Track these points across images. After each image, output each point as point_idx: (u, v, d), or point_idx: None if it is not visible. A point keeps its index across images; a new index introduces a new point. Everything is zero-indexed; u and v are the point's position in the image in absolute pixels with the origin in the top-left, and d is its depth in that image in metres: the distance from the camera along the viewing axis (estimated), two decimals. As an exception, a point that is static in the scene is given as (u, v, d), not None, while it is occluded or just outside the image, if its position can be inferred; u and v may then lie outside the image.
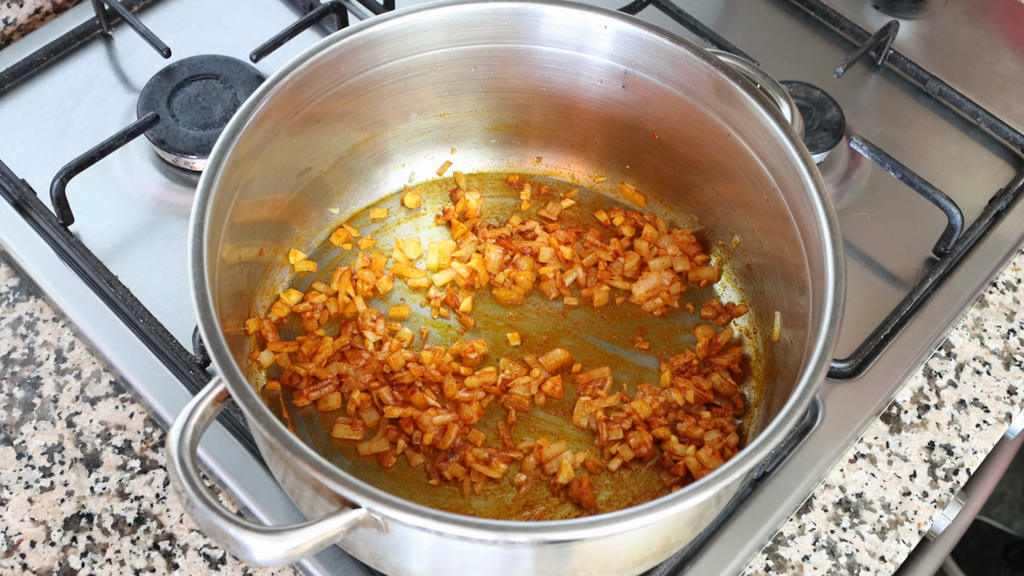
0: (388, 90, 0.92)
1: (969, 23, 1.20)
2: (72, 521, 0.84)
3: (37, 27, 1.13)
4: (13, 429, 0.88)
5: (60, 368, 0.91)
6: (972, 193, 1.05)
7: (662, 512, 0.65)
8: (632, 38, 0.88)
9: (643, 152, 0.96)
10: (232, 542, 0.63)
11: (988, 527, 1.80)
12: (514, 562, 0.70)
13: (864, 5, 1.21)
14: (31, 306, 0.94)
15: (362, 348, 0.89)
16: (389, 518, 0.64)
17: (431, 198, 0.99)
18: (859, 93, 1.13)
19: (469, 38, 0.90)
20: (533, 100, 0.96)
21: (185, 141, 1.01)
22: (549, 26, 0.90)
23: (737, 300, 0.93)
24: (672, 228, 0.97)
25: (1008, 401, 0.94)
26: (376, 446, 0.85)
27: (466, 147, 0.99)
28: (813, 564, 0.85)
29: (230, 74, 1.06)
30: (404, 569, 0.73)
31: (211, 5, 1.14)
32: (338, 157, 0.93)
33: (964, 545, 1.77)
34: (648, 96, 0.91)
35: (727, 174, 0.90)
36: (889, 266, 1.00)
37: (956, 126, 1.11)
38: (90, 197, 0.99)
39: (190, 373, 0.89)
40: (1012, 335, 0.98)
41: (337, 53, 0.85)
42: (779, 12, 1.19)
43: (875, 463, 0.90)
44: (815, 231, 0.78)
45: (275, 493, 0.84)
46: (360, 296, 0.92)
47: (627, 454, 0.85)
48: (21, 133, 1.03)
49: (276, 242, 0.91)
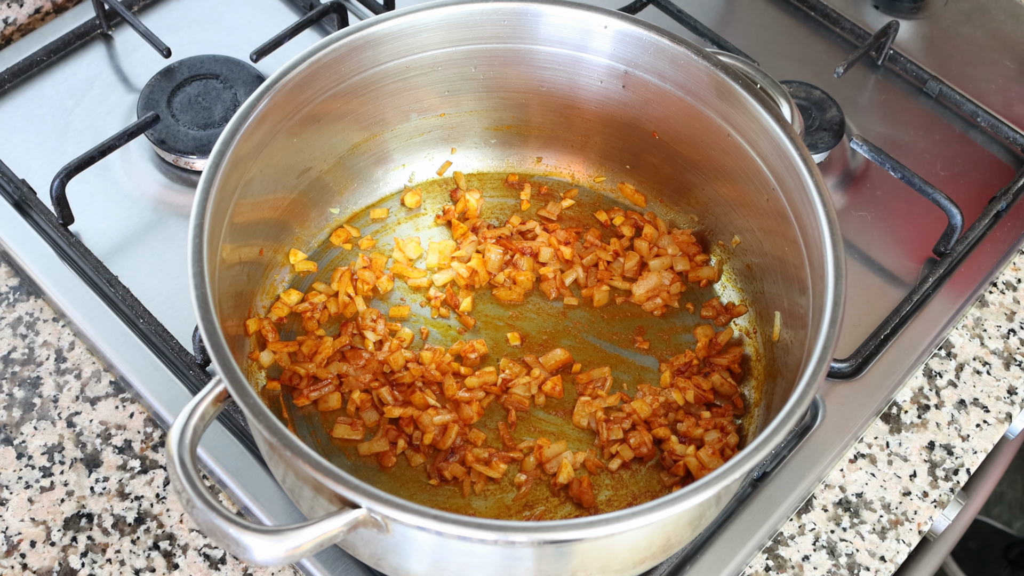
0: (388, 90, 0.92)
1: (969, 23, 1.20)
2: (72, 521, 0.84)
3: (37, 27, 1.13)
4: (13, 429, 0.88)
5: (60, 368, 0.91)
6: (972, 193, 1.05)
7: (662, 512, 0.65)
8: (632, 38, 0.88)
9: (643, 152, 0.96)
10: (232, 542, 0.63)
11: (988, 527, 1.81)
12: (514, 562, 0.70)
13: (864, 5, 1.21)
14: (31, 306, 0.94)
15: (362, 348, 0.89)
16: (389, 518, 0.64)
17: (431, 198, 0.99)
18: (859, 93, 1.13)
19: (469, 38, 0.90)
20: (533, 100, 0.96)
21: (185, 141, 1.01)
22: (549, 26, 0.90)
23: (737, 300, 0.93)
24: (672, 228, 0.97)
25: (1008, 401, 0.94)
26: (376, 446, 0.85)
27: (466, 147, 0.99)
28: (813, 564, 0.85)
29: (230, 74, 1.06)
30: (404, 569, 0.73)
31: (211, 5, 1.14)
32: (338, 157, 0.93)
33: (964, 545, 1.78)
34: (648, 96, 0.91)
35: (727, 174, 0.90)
36: (889, 266, 1.00)
37: (956, 126, 1.11)
38: (90, 197, 0.99)
39: (190, 373, 0.89)
40: (1012, 335, 0.98)
41: (337, 53, 0.85)
42: (779, 12, 1.19)
43: (875, 463, 0.90)
44: (815, 231, 0.78)
45: (275, 493, 0.84)
46: (360, 296, 0.92)
47: (627, 454, 0.85)
48: (21, 133, 1.03)
49: (276, 242, 0.91)
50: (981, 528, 1.81)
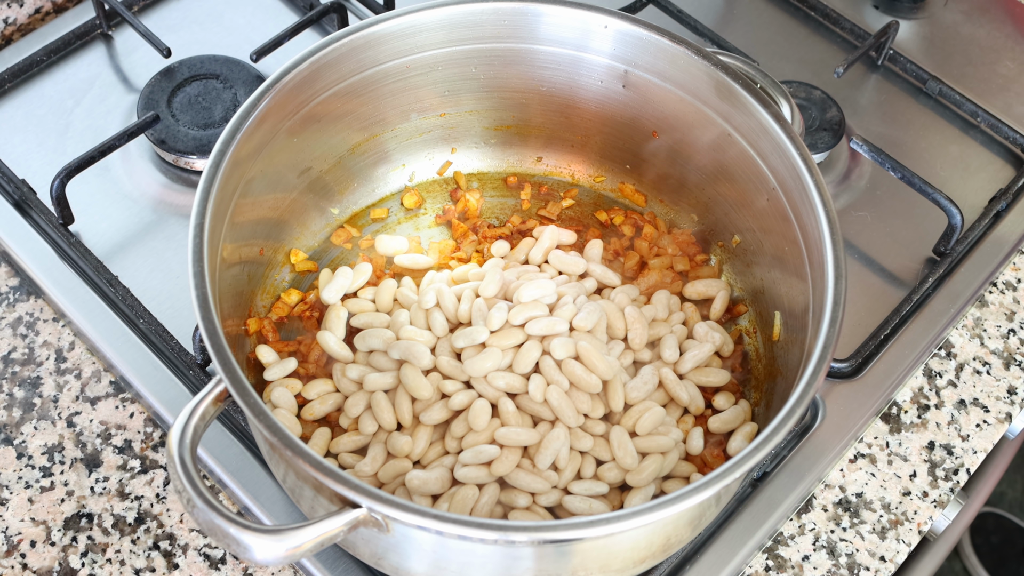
0: (388, 90, 0.92)
1: (969, 23, 1.20)
2: (72, 521, 0.84)
3: (37, 27, 1.13)
4: (13, 429, 0.88)
5: (60, 368, 0.91)
6: (972, 193, 1.05)
7: (662, 512, 0.65)
8: (632, 38, 0.88)
9: (643, 152, 0.96)
10: (232, 541, 0.63)
11: (1012, 524, 1.81)
12: (514, 561, 0.70)
13: (864, 5, 1.21)
14: (31, 306, 0.94)
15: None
16: (389, 517, 0.64)
17: (431, 198, 0.99)
18: (859, 93, 1.13)
19: (469, 38, 0.90)
20: (533, 100, 0.96)
21: (185, 141, 1.01)
22: (549, 26, 0.90)
23: (737, 300, 0.93)
24: (672, 228, 0.97)
25: (1008, 401, 0.94)
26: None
27: (466, 147, 0.99)
28: (813, 564, 0.85)
29: (230, 74, 1.06)
30: (404, 569, 0.73)
31: (211, 5, 1.14)
32: (338, 157, 0.93)
33: (987, 539, 1.78)
34: (648, 96, 0.91)
35: (727, 174, 0.90)
36: (889, 266, 1.00)
37: (956, 126, 1.11)
38: (90, 197, 0.99)
39: (190, 373, 0.89)
40: (1012, 335, 0.98)
41: (337, 53, 0.85)
42: (779, 12, 1.19)
43: (875, 463, 0.90)
44: (815, 231, 0.78)
45: (275, 493, 0.84)
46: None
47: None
48: (21, 133, 1.04)
49: (276, 242, 0.91)
50: (1005, 524, 1.81)
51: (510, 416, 0.80)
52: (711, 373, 0.86)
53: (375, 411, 0.81)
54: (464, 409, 0.81)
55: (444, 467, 0.79)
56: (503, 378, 0.81)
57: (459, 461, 0.78)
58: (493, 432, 0.79)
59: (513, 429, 0.79)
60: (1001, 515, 1.82)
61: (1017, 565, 1.77)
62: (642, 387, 0.83)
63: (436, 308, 0.86)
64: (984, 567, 1.76)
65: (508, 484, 0.78)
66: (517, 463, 0.78)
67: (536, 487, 0.77)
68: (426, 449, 0.80)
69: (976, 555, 1.76)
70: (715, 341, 0.87)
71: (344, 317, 0.88)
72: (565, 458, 0.79)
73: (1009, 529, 1.81)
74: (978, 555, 1.76)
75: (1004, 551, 1.78)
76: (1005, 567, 1.77)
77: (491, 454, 0.78)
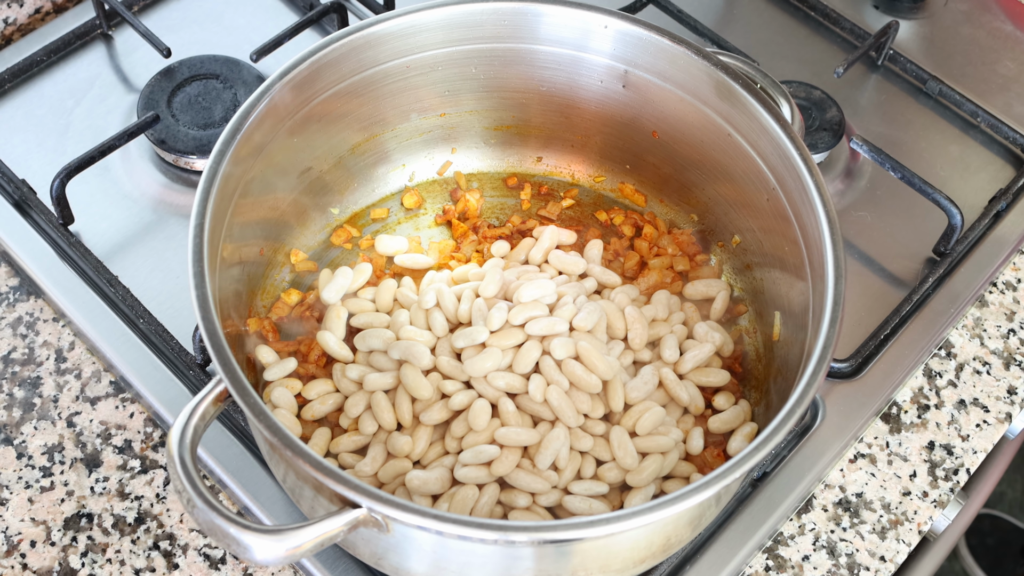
0: (388, 90, 0.92)
1: (969, 23, 1.20)
2: (72, 521, 0.84)
3: (37, 27, 1.13)
4: (13, 429, 0.88)
5: (60, 368, 0.91)
6: (972, 193, 1.05)
7: (662, 512, 0.65)
8: (632, 38, 0.88)
9: (643, 152, 0.96)
10: (233, 541, 0.63)
11: (1009, 524, 1.82)
12: (514, 561, 0.70)
13: (864, 5, 1.21)
14: (31, 306, 0.94)
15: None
16: (389, 518, 0.64)
17: (431, 198, 0.99)
18: (859, 93, 1.13)
19: (469, 38, 0.90)
20: (533, 100, 0.96)
21: (185, 141, 1.01)
22: (549, 26, 0.90)
23: (737, 300, 0.93)
24: (672, 228, 0.97)
25: (1008, 401, 0.94)
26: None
27: (466, 147, 0.99)
28: (813, 564, 0.85)
29: (230, 74, 1.06)
30: (404, 569, 0.73)
31: (211, 5, 1.14)
32: (338, 157, 0.93)
33: (983, 540, 1.79)
34: (648, 96, 0.91)
35: (727, 174, 0.90)
36: (889, 266, 1.00)
37: (956, 126, 1.11)
38: (90, 197, 0.99)
39: (190, 373, 0.89)
40: (1012, 335, 0.98)
41: (337, 53, 0.85)
42: (779, 12, 1.19)
43: (875, 463, 0.90)
44: (815, 231, 0.78)
45: (275, 493, 0.84)
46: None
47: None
48: (21, 133, 1.04)
49: (276, 242, 0.91)
50: (1001, 525, 1.81)
51: (510, 416, 0.80)
52: (711, 373, 0.86)
53: (375, 411, 0.81)
54: (464, 409, 0.81)
55: (444, 467, 0.79)
56: (503, 378, 0.81)
57: (459, 461, 0.78)
58: (493, 432, 0.79)
59: (513, 429, 0.79)
60: (997, 516, 1.82)
61: (1014, 565, 1.77)
62: (642, 387, 0.83)
63: (436, 308, 0.86)
64: (981, 568, 1.76)
65: (508, 484, 0.78)
66: (517, 463, 0.78)
67: (536, 487, 0.77)
68: (426, 449, 0.80)
69: (972, 556, 1.77)
70: (715, 341, 0.87)
71: (344, 317, 0.88)
72: (565, 458, 0.79)
73: (1005, 530, 1.81)
74: (974, 556, 1.77)
75: (1000, 552, 1.78)
76: (1001, 567, 1.77)
77: (491, 454, 0.78)
